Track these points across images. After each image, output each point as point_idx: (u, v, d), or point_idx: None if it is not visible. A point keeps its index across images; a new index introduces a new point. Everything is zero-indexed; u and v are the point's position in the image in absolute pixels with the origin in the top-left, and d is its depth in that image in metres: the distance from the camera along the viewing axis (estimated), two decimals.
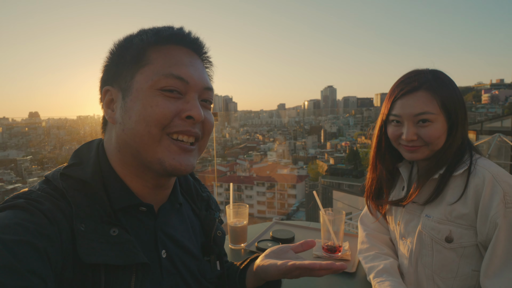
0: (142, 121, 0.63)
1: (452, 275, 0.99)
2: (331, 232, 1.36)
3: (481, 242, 0.95)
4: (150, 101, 0.63)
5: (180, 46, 0.69)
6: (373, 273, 1.11)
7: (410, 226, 1.10)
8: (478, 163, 0.99)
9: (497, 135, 9.36)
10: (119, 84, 0.67)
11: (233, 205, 1.53)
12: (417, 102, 1.02)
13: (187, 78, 0.66)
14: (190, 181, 0.89)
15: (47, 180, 0.64)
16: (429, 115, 1.00)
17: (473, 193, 0.95)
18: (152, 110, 0.63)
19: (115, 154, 0.68)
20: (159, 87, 0.64)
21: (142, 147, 0.64)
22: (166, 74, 0.64)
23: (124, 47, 0.68)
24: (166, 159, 0.65)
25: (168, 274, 0.70)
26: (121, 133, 0.65)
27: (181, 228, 0.78)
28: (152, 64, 0.65)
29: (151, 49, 0.66)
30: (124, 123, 0.65)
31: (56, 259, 0.53)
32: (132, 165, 0.67)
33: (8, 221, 0.52)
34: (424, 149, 1.04)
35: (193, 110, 0.65)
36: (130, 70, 0.66)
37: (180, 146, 0.66)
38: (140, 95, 0.64)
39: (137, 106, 0.63)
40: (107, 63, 0.70)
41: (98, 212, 0.61)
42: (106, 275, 0.57)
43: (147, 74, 0.65)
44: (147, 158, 0.65)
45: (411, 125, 1.03)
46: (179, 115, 0.65)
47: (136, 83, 0.65)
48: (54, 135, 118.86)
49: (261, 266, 0.81)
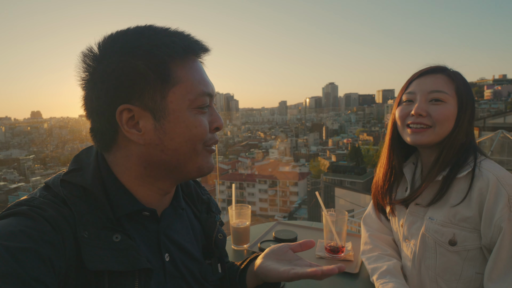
0: (189, 141, 0.65)
1: (456, 277, 0.98)
2: (333, 232, 1.36)
3: (485, 245, 0.94)
4: (193, 122, 0.65)
5: (192, 56, 0.69)
6: (376, 274, 1.11)
7: (413, 228, 1.10)
8: (482, 165, 0.98)
9: (500, 131, 9.31)
10: (143, 103, 0.63)
11: (236, 206, 1.53)
12: (435, 81, 1.03)
13: (212, 92, 0.70)
14: (191, 184, 0.89)
15: (47, 187, 0.64)
16: (443, 94, 1.01)
17: (477, 196, 0.94)
18: (197, 130, 0.65)
19: (133, 169, 0.67)
20: (196, 106, 0.65)
21: (184, 162, 0.67)
22: (201, 94, 0.66)
23: (134, 65, 0.62)
24: (204, 165, 0.70)
25: (171, 277, 0.71)
26: (159, 153, 0.65)
27: (183, 232, 0.79)
28: (184, 82, 0.65)
29: (176, 64, 0.64)
30: (164, 145, 0.64)
31: (60, 266, 0.54)
32: (153, 177, 0.68)
33: (12, 228, 0.52)
34: (429, 132, 1.02)
35: (218, 121, 0.71)
36: (159, 89, 0.63)
37: (211, 150, 0.71)
38: (181, 116, 0.64)
39: (181, 128, 0.64)
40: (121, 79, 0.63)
41: (100, 218, 0.61)
42: (110, 281, 0.58)
43: (181, 93, 0.64)
44: (187, 169, 0.68)
45: (423, 101, 1.03)
46: (209, 127, 0.69)
47: (171, 104, 0.64)
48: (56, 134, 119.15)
49: (261, 268, 0.81)
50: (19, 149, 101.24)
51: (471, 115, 1.04)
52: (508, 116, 12.63)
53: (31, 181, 61.66)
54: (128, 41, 0.63)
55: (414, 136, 1.04)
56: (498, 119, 13.17)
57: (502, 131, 9.32)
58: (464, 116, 1.02)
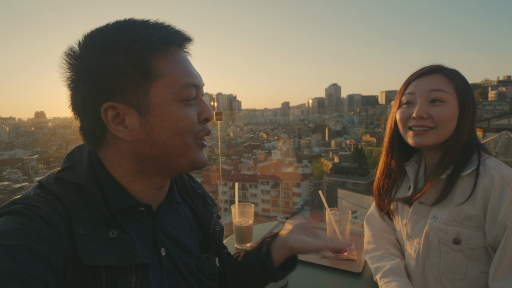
0: (176, 135, 0.65)
1: (460, 276, 0.98)
2: (337, 232, 1.36)
3: (490, 244, 0.93)
4: (179, 115, 0.64)
5: (174, 46, 0.67)
6: (379, 273, 1.11)
7: (417, 227, 1.09)
8: (487, 163, 0.97)
9: (504, 133, 9.24)
10: (126, 99, 0.62)
11: (239, 205, 1.53)
12: (433, 81, 1.02)
13: (198, 83, 0.68)
14: (185, 179, 0.89)
15: (41, 185, 0.64)
16: (443, 93, 1.00)
17: (482, 194, 0.93)
18: (184, 123, 0.65)
19: (125, 165, 0.67)
20: (180, 98, 0.64)
21: (175, 157, 0.67)
22: (185, 85, 0.65)
23: (114, 61, 0.61)
24: (196, 159, 0.69)
25: (168, 272, 0.71)
26: (148, 149, 0.65)
27: (179, 226, 0.79)
28: (166, 75, 0.64)
29: (156, 57, 0.63)
30: (151, 140, 0.64)
31: (56, 263, 0.54)
32: (146, 172, 0.68)
33: (6, 226, 0.52)
34: (432, 134, 1.01)
35: (207, 112, 0.69)
36: (141, 84, 0.62)
37: (202, 144, 0.70)
38: (166, 110, 0.63)
39: (167, 122, 0.64)
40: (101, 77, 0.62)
41: (95, 214, 0.61)
42: (107, 276, 0.58)
43: (165, 87, 0.63)
44: (179, 163, 0.68)
45: (423, 102, 1.02)
46: (198, 119, 0.68)
47: (155, 98, 0.63)
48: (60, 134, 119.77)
49: (297, 240, 0.84)
50: (23, 149, 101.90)
51: (473, 113, 1.03)
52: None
53: (34, 181, 61.78)
54: (106, 37, 0.62)
55: (417, 139, 1.03)
56: (503, 120, 13.08)
57: (506, 132, 9.25)
58: (466, 114, 1.01)
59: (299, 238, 0.85)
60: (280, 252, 0.87)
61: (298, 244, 0.84)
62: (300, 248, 0.84)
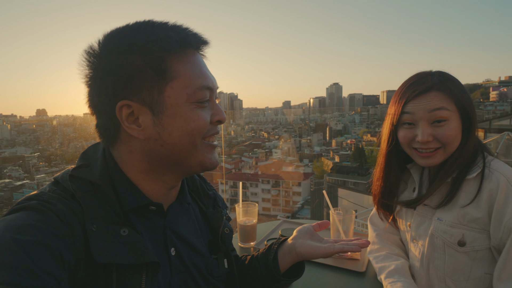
0: (187, 135, 0.65)
1: (465, 278, 0.98)
2: (340, 231, 1.36)
3: (494, 246, 0.94)
4: (191, 116, 0.65)
5: (191, 49, 0.68)
6: (384, 273, 1.11)
7: (421, 229, 1.09)
8: (492, 166, 0.97)
9: (505, 133, 9.22)
10: (141, 98, 0.64)
11: (243, 204, 1.54)
12: (431, 100, 0.99)
13: (212, 86, 0.69)
14: (196, 180, 0.90)
15: (56, 182, 0.65)
16: (445, 111, 0.97)
17: (487, 197, 0.94)
18: (195, 124, 0.65)
19: (137, 164, 0.68)
20: (194, 100, 0.65)
21: (184, 157, 0.67)
22: (199, 87, 0.65)
23: (131, 60, 0.63)
24: (206, 160, 0.69)
25: (177, 272, 0.71)
26: (159, 148, 0.66)
27: (189, 227, 0.79)
28: (181, 77, 0.64)
29: (172, 58, 0.64)
30: (162, 139, 0.65)
31: (69, 259, 0.55)
32: (158, 172, 0.69)
33: (21, 222, 0.53)
34: (440, 153, 1.00)
35: (220, 114, 0.71)
36: (156, 85, 0.63)
37: (212, 145, 0.71)
38: (179, 111, 0.64)
39: (179, 122, 0.64)
40: (119, 75, 0.64)
41: (108, 213, 0.62)
42: (118, 274, 0.59)
43: (179, 88, 0.64)
44: (189, 164, 0.68)
45: (425, 124, 1.00)
46: (210, 120, 0.69)
47: (169, 99, 0.64)
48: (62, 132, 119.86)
49: (303, 245, 0.85)
50: (24, 147, 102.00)
51: (475, 118, 1.02)
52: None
53: (35, 178, 62.09)
54: (126, 37, 0.63)
55: (426, 160, 1.02)
56: (504, 120, 13.05)
57: (508, 133, 9.23)
58: (469, 126, 1.01)
59: (306, 243, 0.85)
60: (286, 259, 0.87)
61: (306, 249, 0.83)
62: (307, 253, 0.83)
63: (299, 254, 0.85)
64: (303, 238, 0.87)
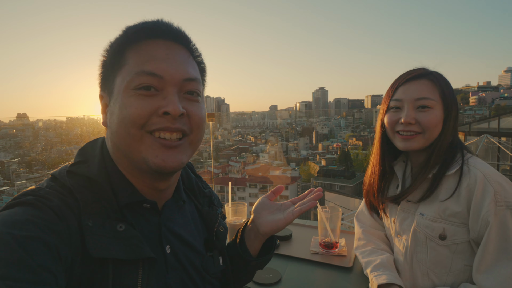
0: (121, 123, 0.63)
1: (446, 270, 1.03)
2: (328, 229, 1.40)
3: (473, 239, 0.99)
4: (125, 103, 0.63)
5: (158, 39, 0.67)
6: (370, 267, 1.15)
7: (405, 224, 1.14)
8: (470, 163, 1.03)
9: (484, 136, 9.58)
10: (107, 88, 0.68)
11: (232, 203, 1.56)
12: (420, 88, 1.06)
13: (161, 72, 0.64)
14: (192, 178, 0.90)
15: (54, 178, 0.65)
16: (430, 101, 1.04)
17: (466, 192, 0.99)
18: (126, 111, 0.63)
19: (113, 154, 0.70)
20: (132, 86, 0.63)
21: (127, 148, 0.65)
22: (138, 72, 0.63)
23: (106, 51, 0.68)
24: (150, 157, 0.64)
25: (173, 269, 0.71)
26: (111, 136, 0.67)
27: (185, 224, 0.79)
28: (128, 64, 0.65)
29: (128, 49, 0.66)
30: (111, 127, 0.66)
31: (65, 254, 0.54)
32: (127, 165, 0.68)
33: (18, 217, 0.53)
34: (419, 138, 1.06)
35: (169, 106, 0.63)
36: (112, 73, 0.66)
37: (163, 143, 0.64)
38: (119, 97, 0.64)
39: (117, 109, 0.64)
40: (99, 68, 0.70)
41: (105, 208, 0.62)
42: (114, 269, 0.59)
43: (123, 75, 0.64)
44: (133, 157, 0.65)
45: (411, 108, 1.06)
46: (156, 112, 0.64)
47: (116, 86, 0.65)
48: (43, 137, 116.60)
49: (265, 224, 0.86)
50: (4, 152, 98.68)
51: (456, 116, 1.08)
52: (492, 121, 12.97)
53: (16, 185, 60.04)
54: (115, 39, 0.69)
55: (405, 143, 1.08)
56: (483, 124, 13.50)
57: (486, 135, 9.59)
58: (450, 119, 1.07)
59: (267, 220, 0.87)
60: (255, 243, 0.89)
61: (269, 227, 0.86)
62: (271, 230, 0.86)
63: (263, 234, 0.87)
64: (262, 217, 0.88)
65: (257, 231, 0.88)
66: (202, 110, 0.70)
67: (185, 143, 0.68)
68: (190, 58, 0.70)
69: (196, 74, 0.70)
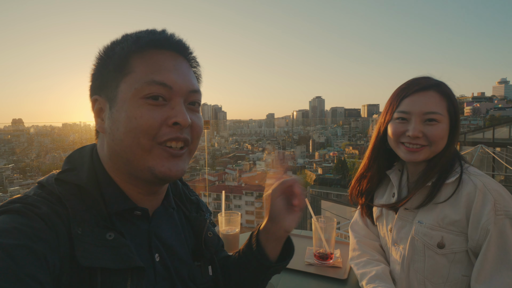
0: (130, 132, 0.63)
1: (443, 280, 1.02)
2: (322, 239, 1.38)
3: (471, 248, 0.98)
4: (134, 113, 0.63)
5: (163, 50, 0.68)
6: (365, 279, 1.13)
7: (402, 232, 1.12)
8: (469, 171, 1.03)
9: (479, 146, 9.63)
10: (106, 93, 0.67)
11: (225, 213, 1.53)
12: (428, 101, 1.05)
13: (170, 83, 0.65)
14: (179, 185, 0.89)
15: (41, 186, 0.64)
16: (438, 115, 1.04)
17: (465, 200, 0.98)
18: (137, 122, 0.62)
19: (107, 161, 0.68)
20: (142, 95, 0.63)
21: (132, 157, 0.64)
22: (148, 82, 0.63)
23: (107, 56, 0.67)
24: (156, 167, 0.65)
25: (162, 279, 0.70)
26: (111, 143, 0.66)
27: (173, 233, 0.78)
28: (135, 72, 0.64)
29: (133, 57, 0.66)
30: (113, 134, 0.65)
31: (54, 263, 0.53)
32: (124, 173, 0.68)
33: (5, 225, 0.52)
34: (425, 150, 1.05)
35: (178, 116, 0.64)
36: (115, 79, 0.65)
37: (170, 152, 0.65)
38: (125, 105, 0.63)
39: (123, 117, 0.63)
40: (94, 71, 0.69)
41: (94, 216, 0.61)
42: (103, 278, 0.58)
43: (130, 83, 0.64)
44: (138, 167, 0.65)
45: (418, 122, 1.05)
46: (166, 122, 0.64)
47: (121, 93, 0.64)
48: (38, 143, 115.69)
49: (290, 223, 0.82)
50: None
51: (459, 128, 1.09)
52: (487, 132, 13.08)
53: (9, 191, 59.24)
54: (110, 41, 0.69)
55: (411, 155, 1.07)
56: (477, 134, 13.61)
57: (481, 145, 9.65)
58: (455, 133, 1.07)
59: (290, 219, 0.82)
60: (277, 245, 0.84)
61: (291, 224, 0.82)
62: (291, 227, 0.82)
63: (288, 231, 0.83)
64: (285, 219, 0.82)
65: (279, 230, 0.82)
66: (201, 121, 0.72)
67: (186, 152, 0.70)
68: (190, 69, 0.73)
69: (198, 85, 0.72)
